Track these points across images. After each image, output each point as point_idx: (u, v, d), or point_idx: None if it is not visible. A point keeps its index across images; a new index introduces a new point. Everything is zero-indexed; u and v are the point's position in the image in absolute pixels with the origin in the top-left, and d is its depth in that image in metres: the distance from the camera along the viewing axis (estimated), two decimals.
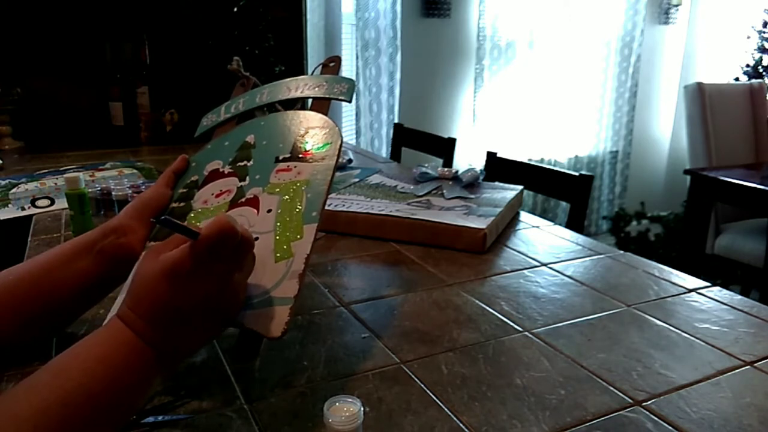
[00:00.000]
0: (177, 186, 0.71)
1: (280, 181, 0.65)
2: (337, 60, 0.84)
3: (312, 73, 0.82)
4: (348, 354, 0.63)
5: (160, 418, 0.51)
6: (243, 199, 0.65)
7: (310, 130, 0.69)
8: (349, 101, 0.74)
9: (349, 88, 0.73)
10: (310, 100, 0.77)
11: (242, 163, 0.69)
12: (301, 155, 0.66)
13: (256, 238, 0.60)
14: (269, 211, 0.62)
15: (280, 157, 0.67)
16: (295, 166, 0.65)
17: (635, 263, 0.92)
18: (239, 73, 1.15)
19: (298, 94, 0.76)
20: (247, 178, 0.67)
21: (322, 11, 2.63)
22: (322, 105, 0.75)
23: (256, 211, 0.63)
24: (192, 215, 0.67)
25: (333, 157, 0.65)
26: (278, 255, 0.57)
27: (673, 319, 0.73)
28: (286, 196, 0.63)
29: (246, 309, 0.54)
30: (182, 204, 0.69)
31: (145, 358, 0.46)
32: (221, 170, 0.70)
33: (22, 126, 1.90)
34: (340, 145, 0.66)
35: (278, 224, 0.60)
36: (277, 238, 0.59)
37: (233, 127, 0.76)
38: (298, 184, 0.63)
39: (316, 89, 0.75)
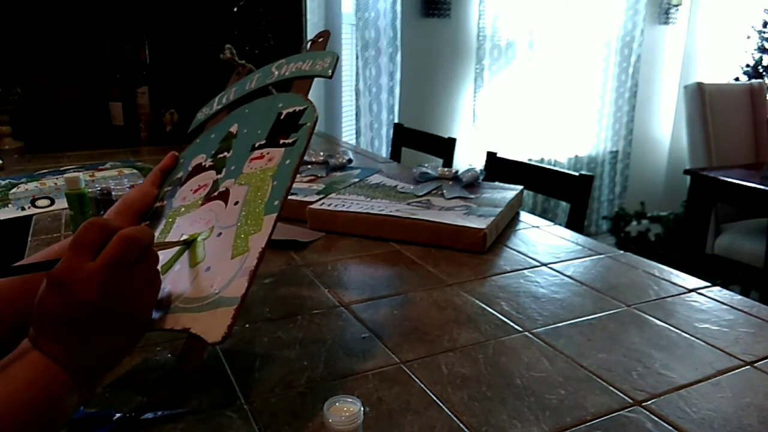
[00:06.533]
0: (163, 184, 0.68)
1: (252, 170, 0.60)
2: (325, 34, 0.79)
3: (303, 50, 0.79)
4: (348, 354, 0.63)
5: (159, 413, 0.51)
6: (215, 193, 0.61)
7: (288, 112, 0.64)
8: (330, 77, 0.68)
9: (331, 62, 0.68)
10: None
11: (222, 155, 0.65)
12: (275, 140, 0.62)
13: (219, 234, 0.55)
14: (236, 203, 0.58)
15: (256, 145, 0.63)
16: (267, 153, 0.61)
17: (635, 263, 0.92)
18: (234, 61, 1.10)
19: (284, 74, 0.72)
20: (224, 170, 0.63)
21: (322, 11, 2.63)
22: (303, 84, 0.70)
23: (225, 204, 0.59)
24: (170, 214, 0.63)
25: (305, 138, 0.59)
26: (235, 251, 0.52)
27: (673, 319, 0.73)
28: (255, 186, 0.58)
29: (193, 312, 0.50)
30: (165, 203, 0.65)
31: (51, 374, 0.43)
32: (203, 164, 0.66)
33: (22, 126, 1.90)
34: (314, 123, 0.61)
35: (242, 216, 0.56)
36: (238, 232, 0.54)
37: (224, 119, 0.72)
38: (267, 172, 0.59)
39: (301, 66, 0.71)
